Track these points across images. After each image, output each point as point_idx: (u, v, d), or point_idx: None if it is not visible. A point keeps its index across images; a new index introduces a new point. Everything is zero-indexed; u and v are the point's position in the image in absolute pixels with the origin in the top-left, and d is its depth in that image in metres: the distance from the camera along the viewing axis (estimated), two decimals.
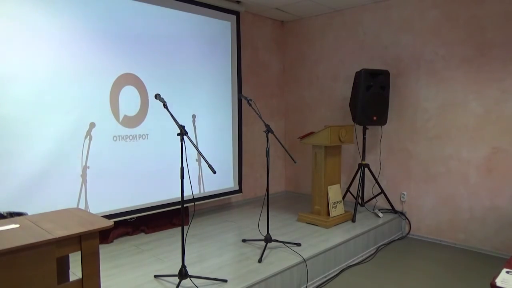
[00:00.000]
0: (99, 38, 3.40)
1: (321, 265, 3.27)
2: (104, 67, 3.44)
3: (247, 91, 4.95)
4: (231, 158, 4.68)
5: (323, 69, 5.25)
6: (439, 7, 4.14)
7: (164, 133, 3.86)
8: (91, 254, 1.99)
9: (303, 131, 4.81)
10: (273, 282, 2.81)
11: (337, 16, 5.03)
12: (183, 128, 2.58)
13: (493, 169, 3.86)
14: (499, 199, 3.83)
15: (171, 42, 3.96)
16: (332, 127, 3.93)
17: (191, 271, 2.73)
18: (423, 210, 4.36)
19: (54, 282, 1.83)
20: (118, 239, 3.62)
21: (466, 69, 3.99)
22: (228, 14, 4.54)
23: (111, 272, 2.87)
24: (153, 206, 3.84)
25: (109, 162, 3.51)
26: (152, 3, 3.77)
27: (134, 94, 3.68)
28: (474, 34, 3.92)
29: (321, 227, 3.91)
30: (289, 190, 5.78)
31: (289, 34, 5.63)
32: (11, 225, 1.99)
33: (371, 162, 4.62)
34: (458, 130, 4.07)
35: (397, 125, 4.53)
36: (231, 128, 4.67)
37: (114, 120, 3.53)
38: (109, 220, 2.12)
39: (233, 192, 4.72)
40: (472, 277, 3.35)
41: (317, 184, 4.08)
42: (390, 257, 3.83)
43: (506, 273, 1.89)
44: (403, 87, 4.47)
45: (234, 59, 4.66)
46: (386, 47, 4.58)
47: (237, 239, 3.62)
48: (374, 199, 4.58)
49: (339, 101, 5.08)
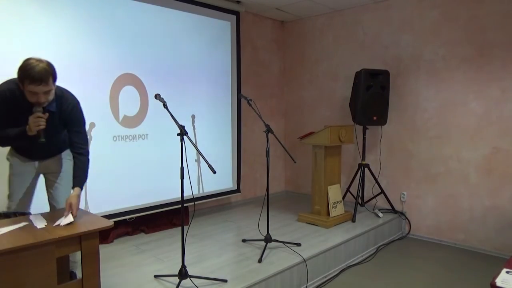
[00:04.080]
0: (99, 38, 3.40)
1: (321, 265, 3.27)
2: (104, 67, 3.44)
3: (247, 91, 4.95)
4: (231, 158, 4.68)
5: (323, 69, 5.25)
6: (439, 7, 4.14)
7: (164, 133, 3.86)
8: (91, 254, 1.99)
9: (303, 131, 4.81)
10: (273, 282, 2.81)
11: (337, 16, 5.03)
12: (183, 128, 2.58)
13: (493, 169, 3.86)
14: (499, 199, 3.83)
15: (171, 42, 3.96)
16: (332, 127, 3.93)
17: (191, 271, 2.73)
18: (423, 210, 4.36)
19: (54, 282, 1.84)
20: (118, 239, 3.62)
21: (466, 69, 3.99)
22: (228, 14, 4.54)
23: (111, 272, 2.86)
24: (153, 206, 3.85)
25: (109, 162, 3.51)
26: (152, 3, 3.77)
27: (134, 94, 3.68)
28: (474, 34, 3.91)
29: (321, 227, 3.91)
30: (289, 190, 5.78)
31: (289, 34, 5.63)
32: (14, 225, 1.99)
33: (371, 162, 4.62)
34: (458, 130, 4.07)
35: (397, 125, 4.53)
36: (230, 128, 4.67)
37: (114, 120, 3.53)
38: (109, 220, 2.12)
39: (231, 192, 4.72)
40: (472, 277, 3.35)
41: (317, 184, 4.08)
42: (390, 257, 3.82)
43: (506, 273, 1.89)
44: (403, 87, 4.46)
45: (234, 59, 4.66)
46: (386, 47, 4.58)
47: (237, 239, 3.62)
48: (374, 199, 4.58)
49: (339, 101, 5.08)
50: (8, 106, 2.20)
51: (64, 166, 2.54)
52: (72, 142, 2.38)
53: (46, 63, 2.09)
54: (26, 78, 2.03)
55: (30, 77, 2.02)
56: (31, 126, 2.11)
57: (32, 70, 2.02)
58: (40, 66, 2.04)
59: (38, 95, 2.09)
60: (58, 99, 2.28)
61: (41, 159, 2.46)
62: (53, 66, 2.14)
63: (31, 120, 2.11)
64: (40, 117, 2.12)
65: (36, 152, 2.42)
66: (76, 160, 2.36)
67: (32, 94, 2.09)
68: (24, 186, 2.45)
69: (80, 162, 2.35)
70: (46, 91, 2.10)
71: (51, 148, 2.44)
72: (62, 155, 2.55)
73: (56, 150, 2.51)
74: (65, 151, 2.55)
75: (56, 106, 2.27)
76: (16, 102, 2.18)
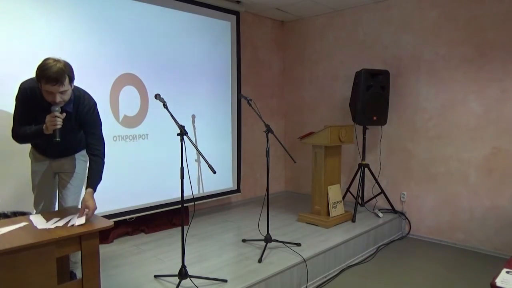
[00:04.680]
0: (99, 38, 3.39)
1: (321, 265, 3.27)
2: (104, 67, 3.44)
3: (247, 91, 4.95)
4: (231, 158, 4.68)
5: (323, 69, 5.25)
6: (439, 7, 4.14)
7: (164, 133, 3.86)
8: (91, 254, 1.99)
9: (303, 131, 4.81)
10: (273, 282, 2.81)
11: (337, 16, 5.03)
12: (183, 128, 2.58)
13: (493, 169, 3.86)
14: (499, 199, 3.83)
15: (171, 42, 3.96)
16: (332, 127, 3.93)
17: (191, 271, 2.73)
18: (423, 210, 4.36)
19: (54, 282, 1.84)
20: (118, 239, 3.62)
21: (466, 69, 3.99)
22: (228, 14, 4.54)
23: (111, 272, 2.86)
24: (153, 206, 3.84)
25: (109, 162, 3.45)
26: (152, 3, 3.77)
27: (134, 94, 3.68)
28: (474, 34, 3.91)
29: (321, 227, 3.91)
30: (289, 190, 5.78)
31: (289, 34, 5.63)
32: (13, 225, 1.99)
33: (371, 162, 4.62)
34: (458, 130, 4.07)
35: (397, 125, 4.53)
36: (230, 128, 4.67)
37: (114, 120, 3.53)
38: (109, 220, 2.13)
39: (232, 192, 4.72)
40: (472, 277, 3.35)
41: (317, 184, 4.08)
42: (390, 257, 3.82)
43: (506, 273, 1.89)
44: (403, 87, 4.46)
45: (234, 59, 4.66)
46: (386, 47, 4.58)
47: (237, 239, 3.62)
48: (374, 199, 4.58)
49: (339, 101, 5.08)
50: (28, 104, 2.24)
51: (78, 167, 2.57)
52: (88, 143, 2.41)
53: (63, 64, 2.12)
54: (42, 77, 2.07)
55: (46, 77, 2.05)
56: (48, 125, 2.14)
57: (48, 70, 2.05)
58: (57, 67, 2.07)
59: (54, 94, 2.11)
60: (75, 99, 2.31)
61: (55, 157, 2.49)
62: (70, 67, 2.17)
63: (48, 119, 2.14)
64: (57, 117, 2.14)
65: (51, 151, 2.46)
66: (91, 161, 2.40)
67: (48, 93, 2.12)
68: (43, 184, 2.51)
69: (95, 164, 2.38)
70: (62, 91, 2.13)
71: (66, 147, 2.46)
72: (77, 156, 2.57)
73: (72, 150, 2.53)
74: (80, 152, 2.58)
75: (73, 107, 2.30)
76: (36, 100, 2.22)
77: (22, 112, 2.26)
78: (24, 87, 2.25)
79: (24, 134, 2.26)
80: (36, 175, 2.50)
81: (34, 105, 2.23)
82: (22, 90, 2.25)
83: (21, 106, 2.26)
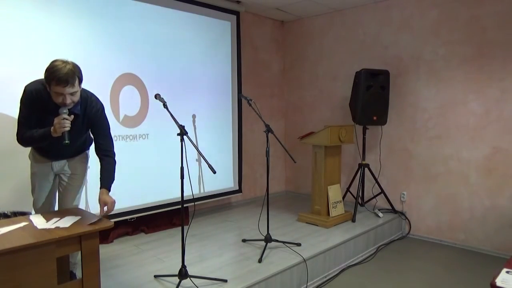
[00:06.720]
0: (99, 38, 3.40)
1: (321, 265, 3.27)
2: (104, 67, 3.44)
3: (247, 91, 4.95)
4: (231, 158, 4.68)
5: (323, 69, 5.25)
6: (439, 7, 4.14)
7: (164, 133, 3.86)
8: (91, 254, 1.99)
9: (303, 131, 4.81)
10: (273, 282, 2.81)
11: (337, 16, 5.03)
12: (183, 128, 2.58)
13: (493, 169, 3.86)
14: (499, 199, 3.83)
15: (171, 42, 3.96)
16: (332, 127, 3.93)
17: (191, 271, 2.73)
18: (423, 210, 4.36)
19: (54, 282, 1.84)
20: (118, 239, 3.62)
21: (466, 69, 3.99)
22: (228, 14, 4.54)
23: (111, 272, 2.87)
24: (153, 206, 3.84)
25: None
26: (152, 3, 3.77)
27: (134, 94, 3.68)
28: (474, 34, 3.91)
29: (321, 227, 3.91)
30: (289, 190, 5.78)
31: (289, 34, 5.63)
32: (13, 225, 1.99)
33: (371, 162, 4.62)
34: (458, 130, 4.07)
35: (397, 125, 4.53)
36: (231, 128, 4.67)
37: (114, 120, 3.53)
38: (109, 220, 2.12)
39: (233, 192, 4.72)
40: (472, 277, 3.35)
41: (317, 184, 4.08)
42: (390, 257, 3.82)
43: (506, 273, 1.89)
44: (403, 87, 4.46)
45: (234, 59, 4.66)
46: (386, 47, 4.58)
47: (237, 239, 3.62)
48: (374, 199, 4.58)
49: (339, 101, 5.08)
50: (35, 106, 2.22)
51: (78, 168, 2.56)
52: (99, 144, 2.41)
53: (72, 65, 2.12)
54: (52, 79, 2.06)
55: (56, 78, 2.05)
56: (56, 127, 2.12)
57: (58, 72, 2.05)
58: (67, 68, 2.07)
59: (64, 96, 2.11)
60: (83, 101, 2.30)
61: (56, 159, 2.48)
62: (79, 68, 2.17)
63: (56, 121, 2.13)
64: (66, 119, 2.13)
65: (54, 153, 2.44)
66: (103, 162, 2.40)
67: (58, 95, 2.11)
68: (43, 186, 2.50)
69: (108, 164, 2.39)
70: (72, 93, 2.13)
71: (70, 150, 2.45)
72: (78, 158, 2.56)
73: (74, 152, 2.53)
74: (81, 154, 2.57)
75: (81, 109, 2.30)
76: (42, 103, 2.21)
77: (28, 114, 2.23)
78: (30, 89, 2.22)
79: (31, 137, 2.23)
80: (36, 176, 2.48)
81: (40, 107, 2.21)
82: (28, 92, 2.22)
83: (26, 108, 2.23)
